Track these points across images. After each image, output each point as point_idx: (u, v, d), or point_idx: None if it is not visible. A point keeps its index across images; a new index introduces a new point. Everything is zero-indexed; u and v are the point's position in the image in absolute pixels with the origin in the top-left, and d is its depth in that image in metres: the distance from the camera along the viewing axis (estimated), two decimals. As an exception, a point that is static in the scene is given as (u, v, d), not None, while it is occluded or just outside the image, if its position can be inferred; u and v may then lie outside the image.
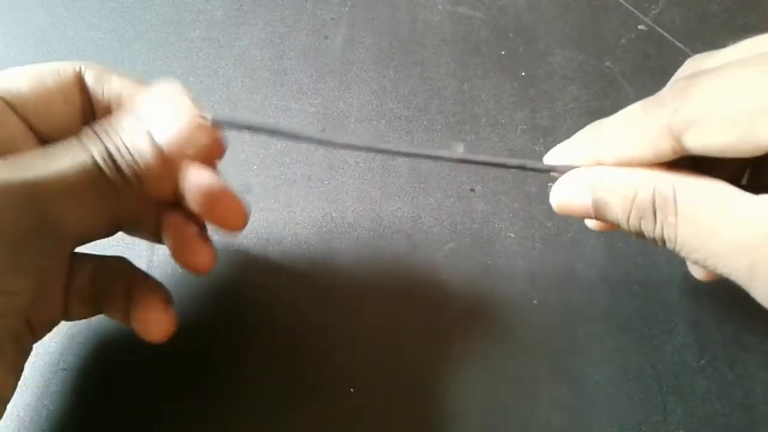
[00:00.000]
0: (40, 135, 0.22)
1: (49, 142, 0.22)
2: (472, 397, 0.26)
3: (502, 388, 0.26)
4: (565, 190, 0.22)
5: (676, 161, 0.20)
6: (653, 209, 0.20)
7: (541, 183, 0.31)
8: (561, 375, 0.27)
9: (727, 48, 0.21)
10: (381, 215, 0.30)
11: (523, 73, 0.34)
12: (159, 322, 0.23)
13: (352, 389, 0.26)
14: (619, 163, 0.21)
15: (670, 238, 0.20)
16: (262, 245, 0.29)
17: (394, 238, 0.30)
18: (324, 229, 0.30)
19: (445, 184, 0.31)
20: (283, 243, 0.29)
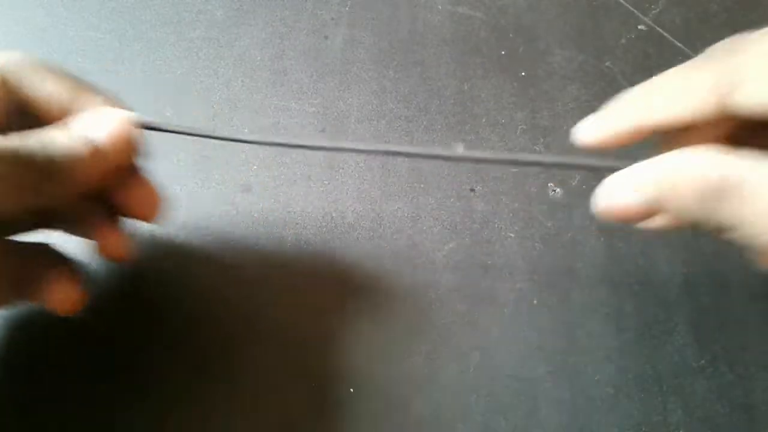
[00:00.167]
0: None
1: None
2: (471, 397, 0.26)
3: (502, 388, 0.26)
4: (619, 189, 0.21)
5: (733, 142, 0.19)
6: (718, 193, 0.19)
7: (541, 183, 0.31)
8: (561, 375, 0.27)
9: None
10: (381, 215, 0.30)
11: (523, 73, 0.34)
12: (67, 292, 0.24)
13: (352, 388, 0.26)
14: (663, 124, 0.20)
15: (736, 222, 0.19)
16: (263, 245, 0.29)
17: (394, 238, 0.30)
18: (324, 229, 0.30)
19: (445, 184, 0.31)
20: (283, 243, 0.29)
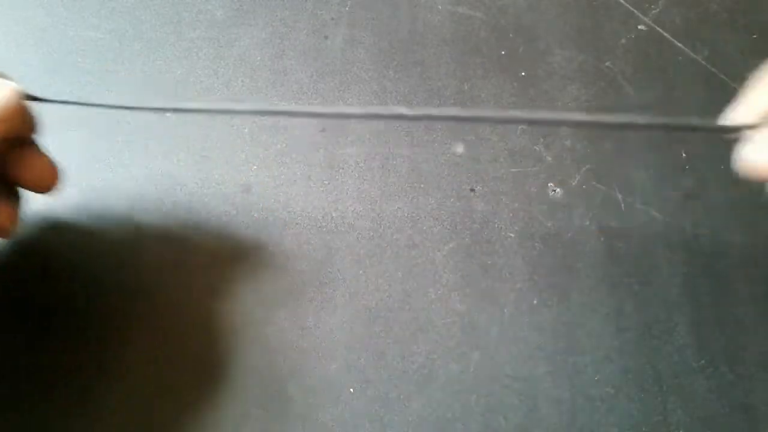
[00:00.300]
0: None
1: None
2: (471, 397, 0.26)
3: (502, 388, 0.26)
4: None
5: None
6: None
7: (541, 183, 0.31)
8: (561, 375, 0.27)
9: None
10: (381, 215, 0.30)
11: (523, 73, 0.34)
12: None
13: (352, 389, 0.26)
14: None
15: None
16: (263, 245, 0.29)
17: (394, 238, 0.30)
18: (324, 229, 0.30)
19: (445, 184, 0.31)
20: (283, 243, 0.29)
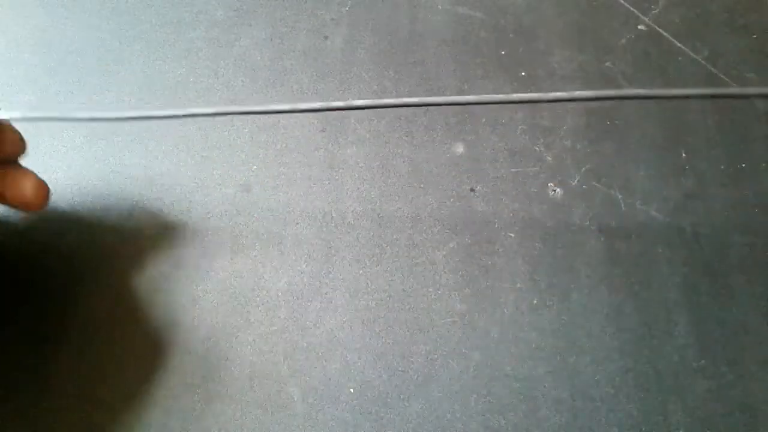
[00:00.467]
0: None
1: None
2: (471, 397, 0.26)
3: (502, 388, 0.26)
4: None
5: None
6: None
7: (541, 183, 0.31)
8: (561, 375, 0.27)
9: None
10: (381, 215, 0.30)
11: (523, 73, 0.34)
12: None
13: (352, 389, 0.26)
14: None
15: None
16: (263, 245, 0.29)
17: (394, 238, 0.30)
18: (324, 229, 0.30)
19: (445, 184, 0.31)
20: (283, 243, 0.29)
